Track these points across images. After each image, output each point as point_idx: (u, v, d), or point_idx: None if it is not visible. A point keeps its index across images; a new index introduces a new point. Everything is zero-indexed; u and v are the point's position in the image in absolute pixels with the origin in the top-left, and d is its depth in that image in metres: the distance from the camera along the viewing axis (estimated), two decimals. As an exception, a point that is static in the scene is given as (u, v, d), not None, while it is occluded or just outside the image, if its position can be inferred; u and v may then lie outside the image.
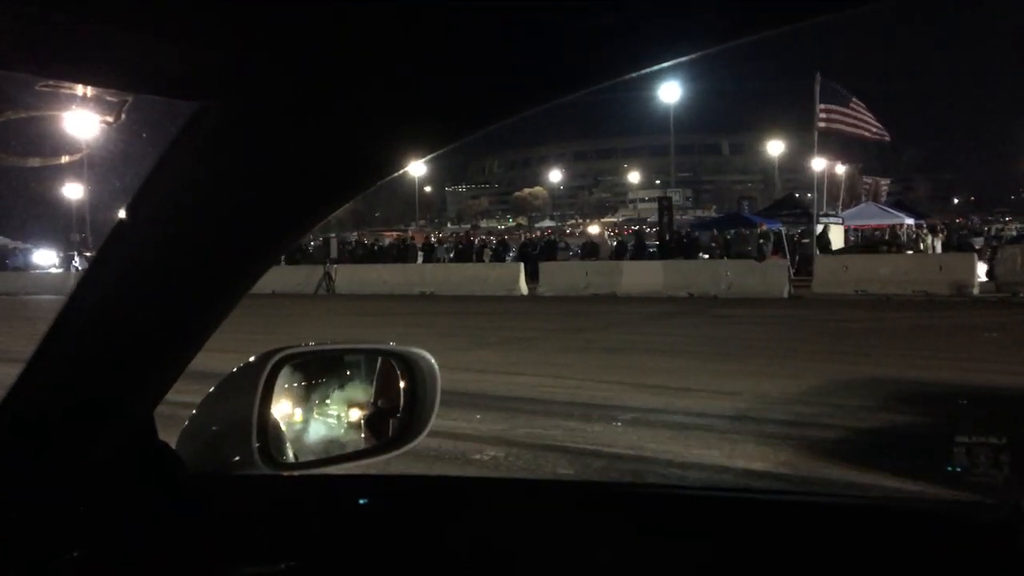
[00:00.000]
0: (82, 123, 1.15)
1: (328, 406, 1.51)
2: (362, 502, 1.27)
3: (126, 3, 0.77)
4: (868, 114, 27.06)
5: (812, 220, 31.24)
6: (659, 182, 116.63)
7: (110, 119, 1.06)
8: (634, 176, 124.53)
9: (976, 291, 19.20)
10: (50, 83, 0.95)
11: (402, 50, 0.82)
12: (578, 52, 0.79)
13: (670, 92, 47.91)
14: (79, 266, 38.54)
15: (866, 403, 7.54)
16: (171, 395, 1.18)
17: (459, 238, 44.05)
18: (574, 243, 38.93)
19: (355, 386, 1.54)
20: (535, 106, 0.84)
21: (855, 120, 26.73)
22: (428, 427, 1.48)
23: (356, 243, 38.45)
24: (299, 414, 1.46)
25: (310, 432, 1.47)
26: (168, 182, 0.99)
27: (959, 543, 1.02)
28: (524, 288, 24.46)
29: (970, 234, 35.47)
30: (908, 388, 8.13)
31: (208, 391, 1.37)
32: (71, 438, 1.12)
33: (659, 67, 0.78)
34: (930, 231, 33.04)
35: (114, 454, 1.15)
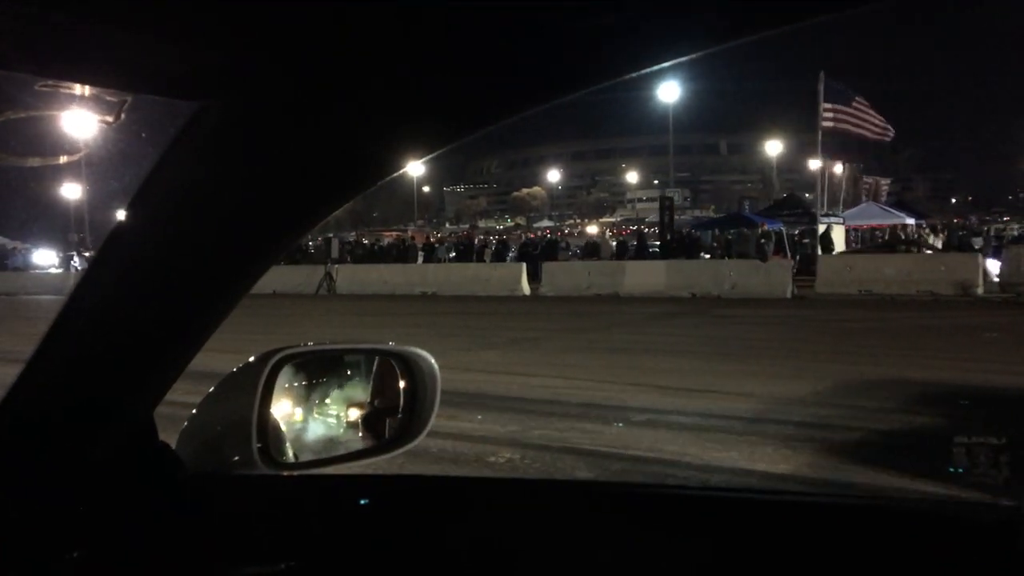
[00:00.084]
0: (81, 123, 1.13)
1: (328, 406, 1.50)
2: (362, 502, 1.27)
3: (126, 3, 0.77)
4: (871, 112, 27.05)
5: (813, 220, 31.31)
6: (657, 182, 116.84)
7: (110, 119, 1.05)
8: (632, 176, 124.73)
9: (981, 291, 19.17)
10: (50, 83, 0.95)
11: (402, 50, 0.81)
12: (578, 52, 0.78)
13: (669, 92, 47.78)
14: (78, 266, 38.55)
15: (881, 404, 7.49)
16: (171, 395, 1.17)
17: (459, 238, 44.00)
18: (574, 243, 38.92)
19: (355, 386, 1.53)
20: (535, 106, 0.84)
21: (858, 119, 26.72)
22: (428, 427, 1.48)
23: (355, 243, 38.32)
24: (299, 414, 1.46)
25: (310, 432, 1.46)
26: (168, 182, 0.99)
27: (960, 543, 1.03)
28: (526, 288, 24.36)
29: (970, 234, 35.44)
30: (920, 389, 8.07)
31: (208, 391, 1.36)
32: (71, 438, 1.12)
33: (659, 67, 0.78)
34: (931, 231, 33.05)
35: (114, 454, 1.15)
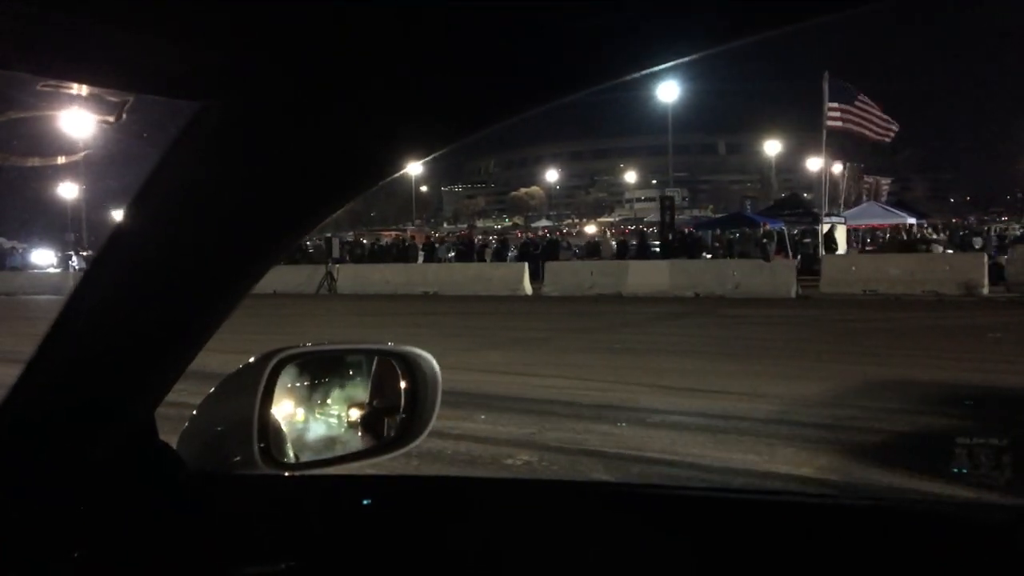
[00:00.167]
0: (83, 123, 1.12)
1: (329, 406, 1.50)
2: (363, 502, 1.27)
3: (127, 3, 0.76)
4: (874, 111, 26.97)
5: (815, 220, 31.30)
6: (655, 182, 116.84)
7: (111, 119, 1.10)
8: (630, 176, 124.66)
9: (986, 291, 19.10)
10: (51, 83, 1.00)
11: (402, 50, 0.81)
12: (578, 52, 0.78)
13: (668, 91, 47.65)
14: (76, 266, 38.46)
15: (896, 405, 7.41)
16: (172, 395, 1.17)
17: (458, 237, 43.85)
18: (575, 243, 38.84)
19: (356, 386, 1.53)
20: (536, 107, 0.84)
21: (861, 118, 26.66)
22: (429, 427, 1.48)
23: (354, 243, 38.15)
24: (300, 414, 1.46)
25: (311, 432, 1.46)
26: (169, 182, 0.99)
27: (962, 544, 1.03)
28: (528, 288, 24.27)
29: (970, 234, 35.42)
30: (934, 390, 8.00)
31: (209, 391, 1.36)
32: (72, 438, 1.12)
33: (660, 68, 0.78)
34: (933, 231, 33.00)
35: (115, 454, 1.15)
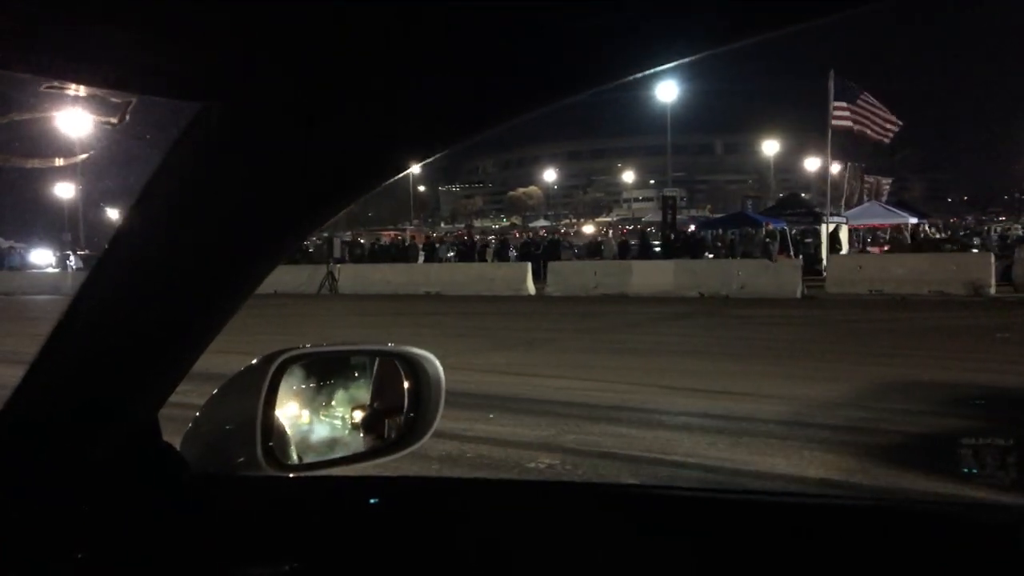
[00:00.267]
0: (85, 125, 1.12)
1: (333, 408, 1.50)
2: (366, 503, 1.28)
3: (128, 4, 0.77)
4: (877, 109, 26.88)
5: (816, 220, 31.24)
6: (653, 182, 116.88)
7: (113, 120, 1.04)
8: (628, 176, 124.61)
9: (993, 291, 19.04)
10: (53, 85, 0.95)
11: (402, 50, 0.81)
12: (579, 53, 0.78)
13: (667, 92, 47.48)
14: (73, 265, 38.34)
15: (910, 407, 7.34)
16: (175, 396, 1.17)
17: (458, 236, 43.70)
18: (575, 243, 38.75)
19: (360, 387, 1.53)
20: (537, 107, 0.84)
21: (864, 117, 26.59)
22: (432, 428, 1.48)
23: (353, 243, 37.96)
24: (305, 416, 1.46)
25: (315, 434, 1.46)
26: (171, 183, 0.99)
27: (967, 544, 1.03)
28: (531, 288, 24.18)
29: (971, 234, 35.42)
30: (947, 391, 7.93)
31: (212, 392, 1.36)
32: (75, 439, 1.12)
33: (660, 69, 0.77)
34: (936, 231, 32.97)
35: (118, 455, 1.15)
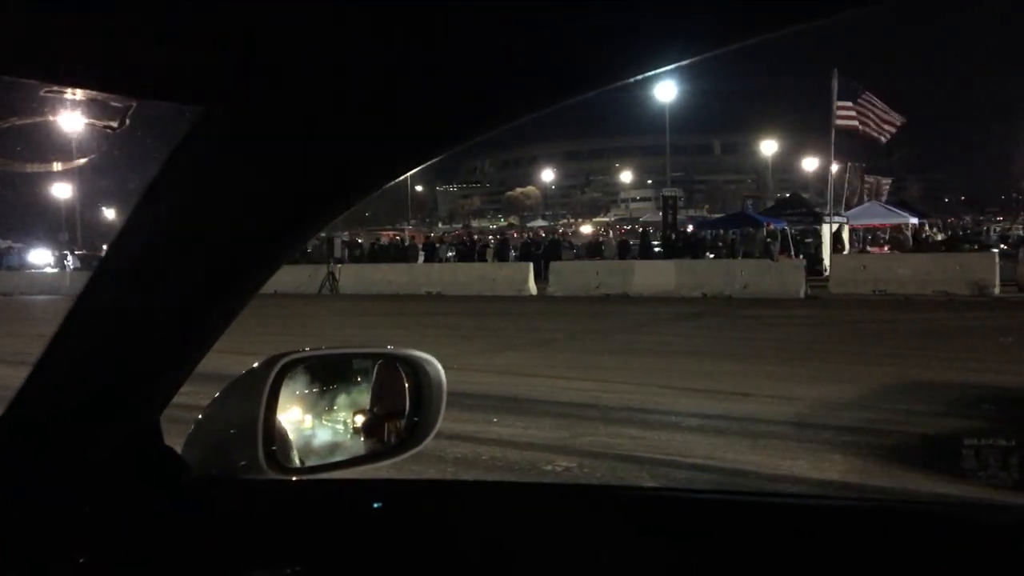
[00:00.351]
0: (86, 129, 1.14)
1: (336, 412, 1.50)
2: (367, 506, 1.28)
3: (130, 7, 0.77)
4: (879, 107, 26.79)
5: (817, 219, 31.20)
6: (651, 182, 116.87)
7: (114, 124, 1.05)
8: (626, 176, 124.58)
9: (997, 291, 18.99)
10: (54, 89, 0.96)
11: (403, 52, 0.81)
12: (580, 54, 0.78)
13: (666, 92, 47.36)
14: (71, 265, 38.25)
15: (925, 407, 7.28)
16: (178, 397, 1.18)
17: (456, 236, 43.57)
18: (575, 242, 38.67)
19: (362, 391, 1.53)
20: (539, 109, 0.83)
21: (866, 116, 26.52)
22: (434, 432, 1.48)
23: (352, 243, 37.78)
24: (307, 420, 1.46)
25: (317, 437, 1.47)
26: (172, 186, 0.99)
27: (965, 545, 1.03)
28: (533, 288, 24.09)
29: (972, 234, 35.38)
30: (967, 392, 7.86)
31: (214, 395, 1.36)
32: (77, 440, 1.12)
33: (661, 70, 0.77)
34: (938, 231, 32.93)
35: (119, 457, 1.15)
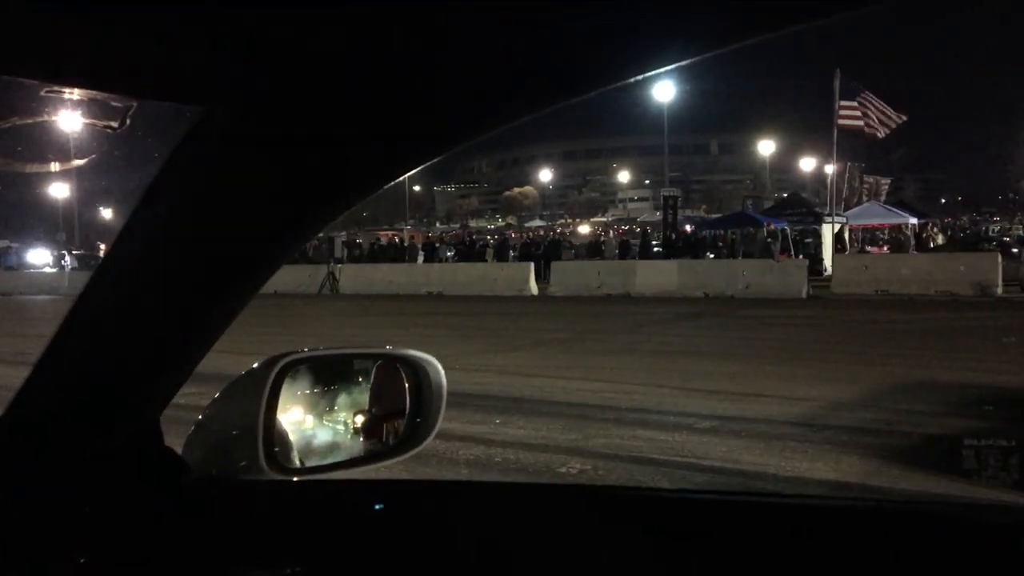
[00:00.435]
0: (86, 129, 1.13)
1: (336, 412, 1.50)
2: (367, 507, 1.28)
3: (131, 8, 0.77)
4: (878, 105, 26.75)
5: (817, 220, 31.20)
6: (648, 182, 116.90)
7: (114, 124, 1.05)
8: (623, 176, 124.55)
9: (1000, 291, 18.95)
10: (55, 89, 0.96)
11: (403, 52, 0.81)
12: (580, 54, 0.78)
13: (664, 92, 47.23)
14: (69, 265, 38.15)
15: (946, 409, 7.21)
16: (178, 398, 1.18)
17: (453, 235, 43.47)
18: (573, 242, 38.61)
19: (362, 392, 1.53)
20: (540, 108, 0.83)
21: (868, 115, 26.48)
22: (434, 432, 1.48)
23: (351, 243, 37.65)
24: (308, 420, 1.46)
25: (317, 438, 1.46)
26: (173, 186, 0.99)
27: (965, 545, 1.03)
28: (534, 288, 24.02)
29: (971, 235, 35.37)
30: (981, 393, 7.79)
31: (215, 395, 1.36)
32: (77, 440, 1.12)
33: (661, 71, 0.77)
34: (939, 231, 32.92)
35: (119, 457, 1.15)
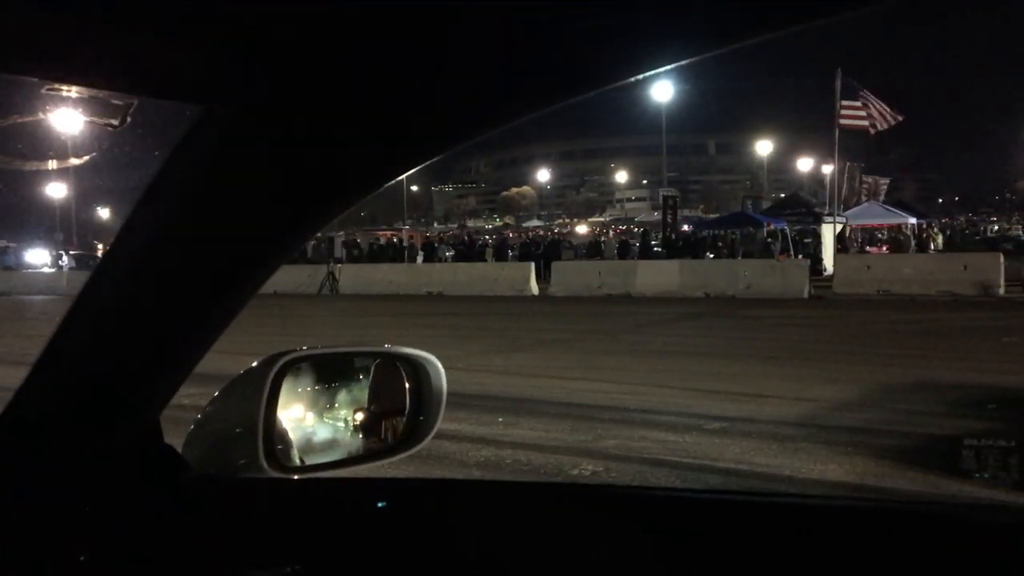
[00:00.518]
0: (87, 127, 1.12)
1: (336, 410, 1.49)
2: (367, 505, 1.27)
3: (131, 6, 0.77)
4: (876, 105, 26.72)
5: (817, 220, 31.20)
6: (646, 182, 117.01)
7: (115, 122, 1.05)
8: (621, 176, 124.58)
9: (1002, 291, 18.93)
10: (55, 87, 0.95)
11: (403, 52, 0.81)
12: (580, 54, 0.78)
13: (662, 92, 47.16)
14: (66, 265, 38.07)
15: (949, 410, 7.16)
16: (177, 398, 1.18)
17: (452, 235, 43.45)
18: (573, 242, 38.58)
19: (362, 388, 1.53)
20: (540, 108, 0.83)
21: (870, 115, 26.45)
22: (434, 431, 1.48)
23: (350, 243, 37.56)
24: (309, 418, 1.45)
25: (317, 435, 1.46)
26: (173, 185, 0.99)
27: (965, 545, 1.03)
28: (535, 288, 23.97)
29: (971, 235, 35.36)
30: (983, 393, 7.72)
31: (214, 394, 1.35)
32: (76, 440, 1.12)
33: (661, 70, 0.77)
34: (940, 231, 32.92)
35: (119, 456, 1.15)
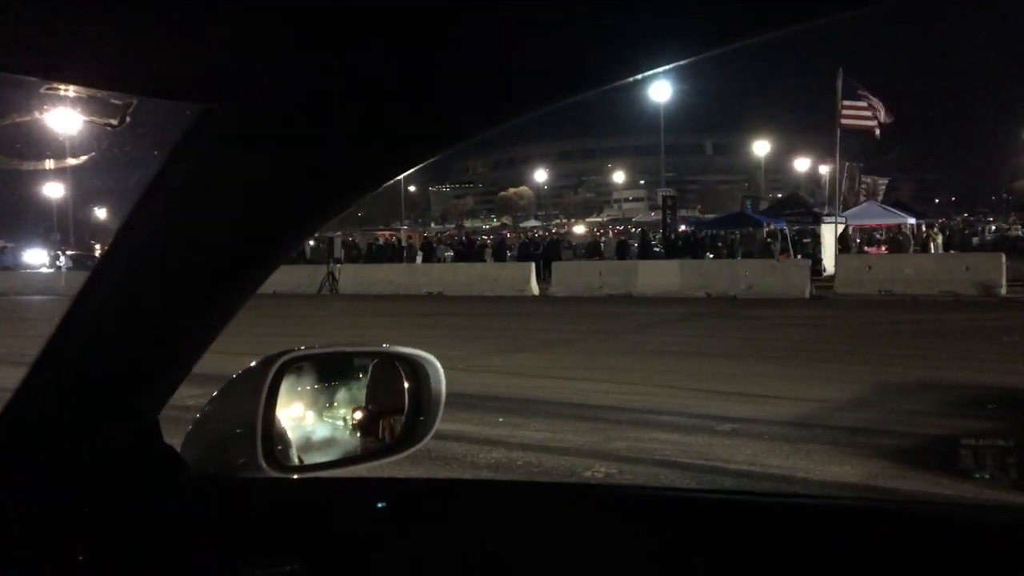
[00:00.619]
0: (85, 126, 1.12)
1: (335, 409, 1.49)
2: (366, 505, 1.28)
3: (131, 6, 0.77)
4: (876, 105, 26.70)
5: (816, 220, 31.21)
6: (643, 182, 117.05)
7: (114, 122, 1.04)
8: (618, 176, 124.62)
9: (1004, 291, 18.92)
10: (54, 86, 0.95)
11: (403, 51, 0.81)
12: (580, 53, 0.78)
13: (660, 92, 47.11)
14: (64, 265, 38.00)
15: (957, 410, 7.14)
16: (177, 397, 1.18)
17: (449, 235, 43.42)
18: (572, 242, 38.56)
19: (361, 387, 1.52)
20: (539, 107, 0.83)
21: (873, 115, 26.44)
22: (433, 430, 1.48)
23: (350, 243, 37.50)
24: (309, 417, 1.45)
25: (316, 435, 1.46)
26: (172, 184, 0.99)
27: (964, 545, 1.02)
28: (535, 288, 23.93)
29: (970, 235, 35.39)
30: (985, 393, 7.71)
31: (213, 394, 1.36)
32: (76, 440, 1.12)
33: (660, 70, 0.77)
34: (939, 231, 32.93)
35: (118, 456, 1.15)
